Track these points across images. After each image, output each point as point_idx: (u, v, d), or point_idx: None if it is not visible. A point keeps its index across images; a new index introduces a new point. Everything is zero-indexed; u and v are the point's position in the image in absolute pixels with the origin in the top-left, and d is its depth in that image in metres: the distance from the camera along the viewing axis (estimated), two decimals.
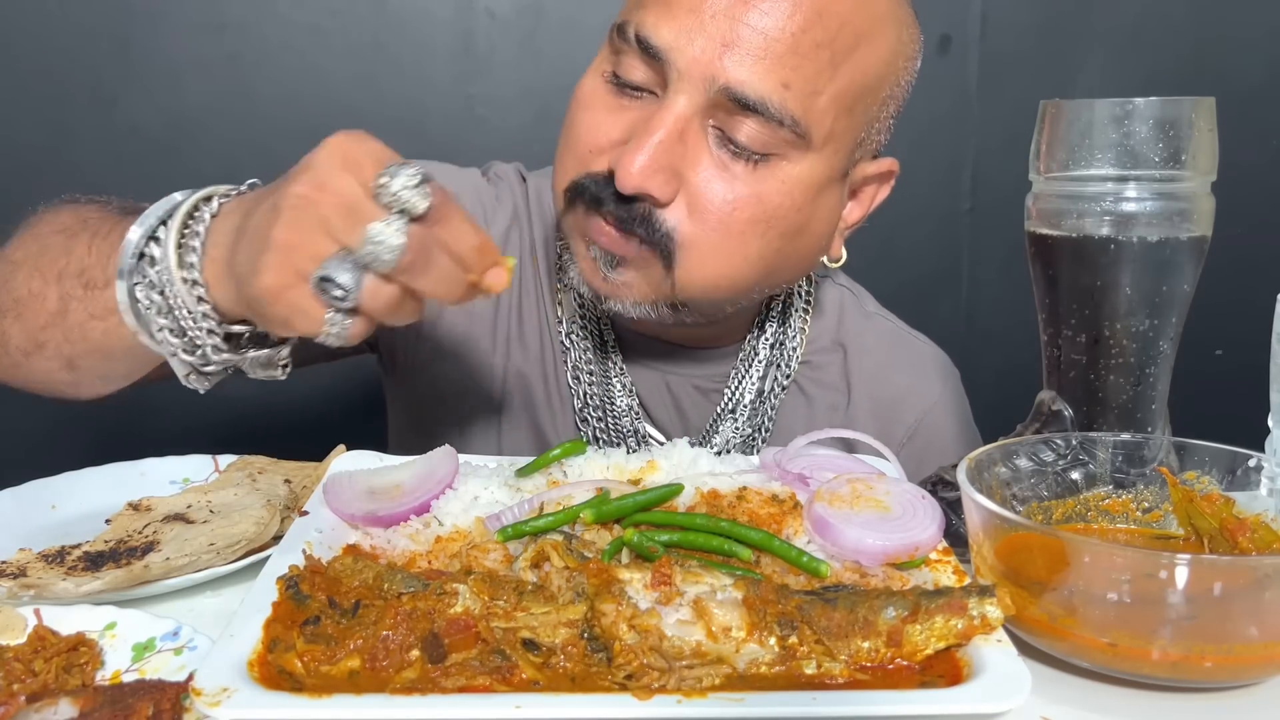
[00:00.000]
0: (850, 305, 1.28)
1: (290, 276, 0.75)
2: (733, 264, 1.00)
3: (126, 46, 2.07)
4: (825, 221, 1.05)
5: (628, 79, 0.98)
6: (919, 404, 1.24)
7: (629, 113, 0.98)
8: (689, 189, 0.96)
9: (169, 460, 1.11)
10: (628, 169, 0.93)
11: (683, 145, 0.95)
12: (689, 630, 0.67)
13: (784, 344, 1.20)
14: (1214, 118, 0.87)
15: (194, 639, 0.73)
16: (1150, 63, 2.37)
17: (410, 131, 2.15)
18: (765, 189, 0.97)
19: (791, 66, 0.92)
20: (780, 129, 0.94)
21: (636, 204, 0.96)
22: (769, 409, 1.20)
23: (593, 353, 1.18)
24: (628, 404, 1.17)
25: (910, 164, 1.16)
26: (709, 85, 0.93)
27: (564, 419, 1.21)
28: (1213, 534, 0.82)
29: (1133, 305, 0.89)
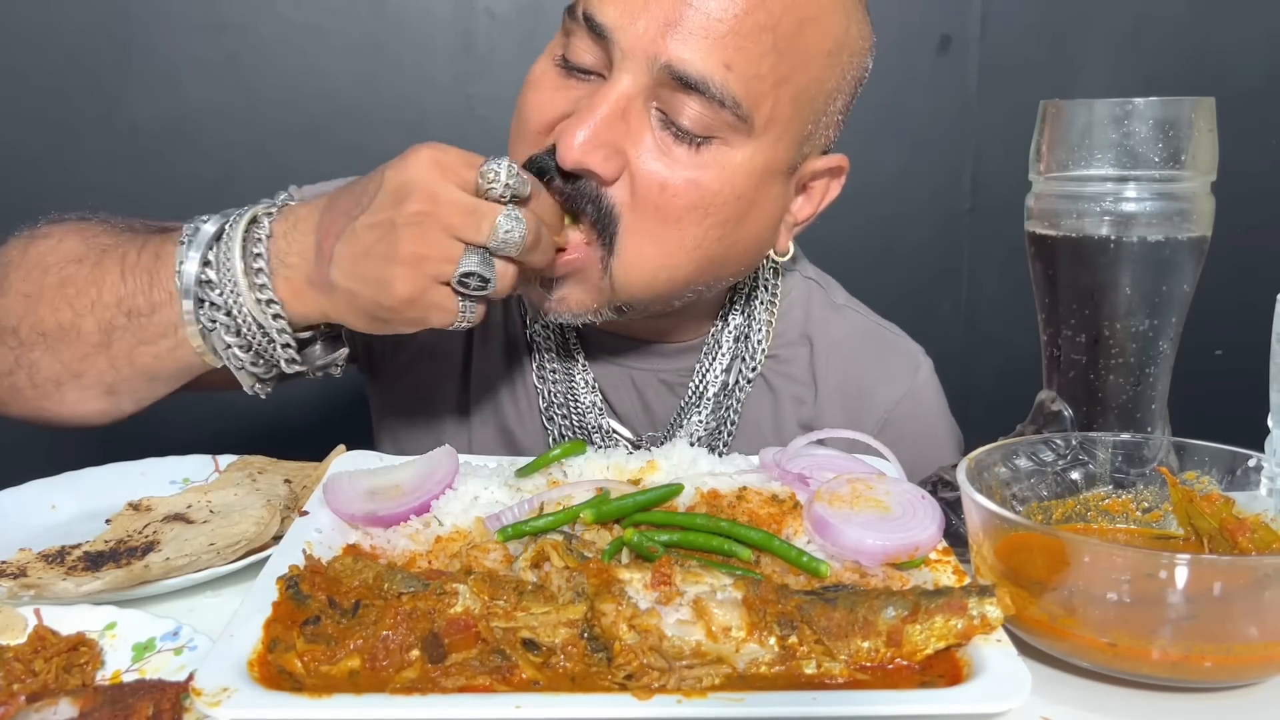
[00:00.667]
0: (818, 297, 1.27)
1: (425, 282, 0.87)
2: (670, 252, 0.99)
3: (126, 46, 2.07)
4: (768, 213, 1.04)
5: (577, 62, 0.99)
6: (889, 395, 1.24)
7: (573, 93, 0.99)
8: (630, 169, 0.97)
9: (169, 460, 1.11)
10: (569, 144, 0.94)
11: (625, 124, 0.95)
12: (689, 630, 0.67)
13: (748, 337, 1.20)
14: (1214, 118, 0.87)
15: (194, 639, 0.73)
16: (1150, 63, 2.37)
17: (410, 132, 2.13)
18: (705, 175, 0.97)
19: (734, 47, 0.93)
20: (722, 110, 0.94)
21: (584, 182, 0.97)
22: (734, 402, 1.20)
23: (555, 351, 1.19)
24: (591, 400, 1.18)
25: (910, 164, 1.17)
26: (651, 64, 0.93)
27: (530, 418, 1.22)
28: (1212, 534, 0.82)
29: (1133, 305, 0.89)
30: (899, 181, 2.24)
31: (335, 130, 2.12)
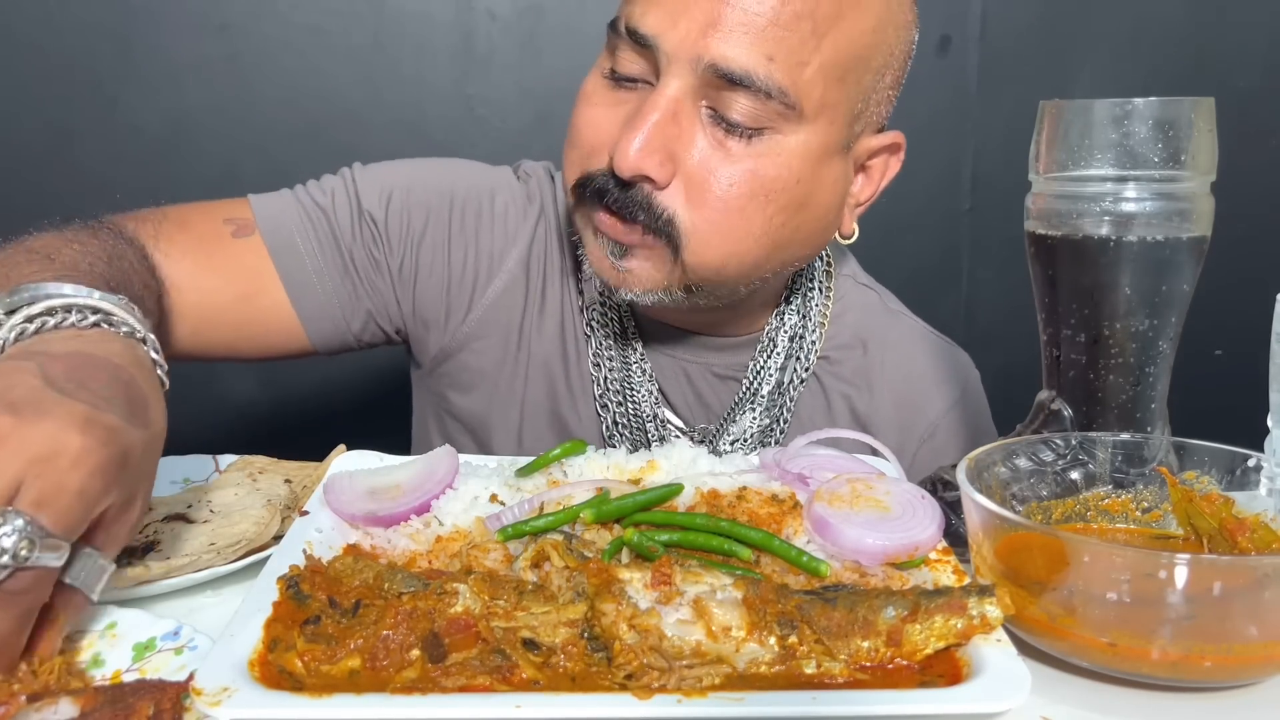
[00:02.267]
0: (874, 304, 1.29)
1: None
2: (738, 241, 1.01)
3: (126, 46, 2.07)
4: (830, 193, 1.06)
5: (624, 73, 1.01)
6: (940, 403, 1.25)
7: (626, 105, 1.01)
8: (685, 170, 0.99)
9: (169, 460, 1.10)
10: (625, 153, 0.96)
11: (677, 127, 0.98)
12: (689, 630, 0.67)
13: (803, 336, 1.21)
14: (1214, 118, 0.87)
15: (194, 639, 0.73)
16: (1150, 63, 2.37)
17: (410, 132, 2.15)
18: (761, 163, 0.99)
19: (774, 39, 0.94)
20: (769, 101, 0.96)
21: (636, 190, 0.99)
22: (788, 400, 1.21)
23: (613, 340, 1.19)
24: (648, 390, 1.19)
25: (910, 164, 1.17)
26: (696, 65, 0.95)
27: (584, 405, 1.23)
28: (1212, 534, 0.82)
29: (1132, 305, 0.89)
30: (899, 181, 2.24)
31: (335, 130, 2.12)
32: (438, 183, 1.22)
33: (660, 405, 1.20)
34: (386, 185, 1.20)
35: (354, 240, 1.18)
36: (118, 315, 0.79)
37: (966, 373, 1.30)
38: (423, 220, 1.20)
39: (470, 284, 1.22)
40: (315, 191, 1.20)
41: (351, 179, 1.21)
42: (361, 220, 1.18)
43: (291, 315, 1.17)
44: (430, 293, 1.22)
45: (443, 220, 1.21)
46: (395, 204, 1.19)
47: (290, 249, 1.16)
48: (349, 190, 1.20)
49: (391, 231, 1.19)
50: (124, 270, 0.96)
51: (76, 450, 0.63)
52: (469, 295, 1.22)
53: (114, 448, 0.66)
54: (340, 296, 1.19)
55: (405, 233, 1.20)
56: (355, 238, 1.18)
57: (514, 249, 1.23)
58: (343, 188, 1.20)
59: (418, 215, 1.20)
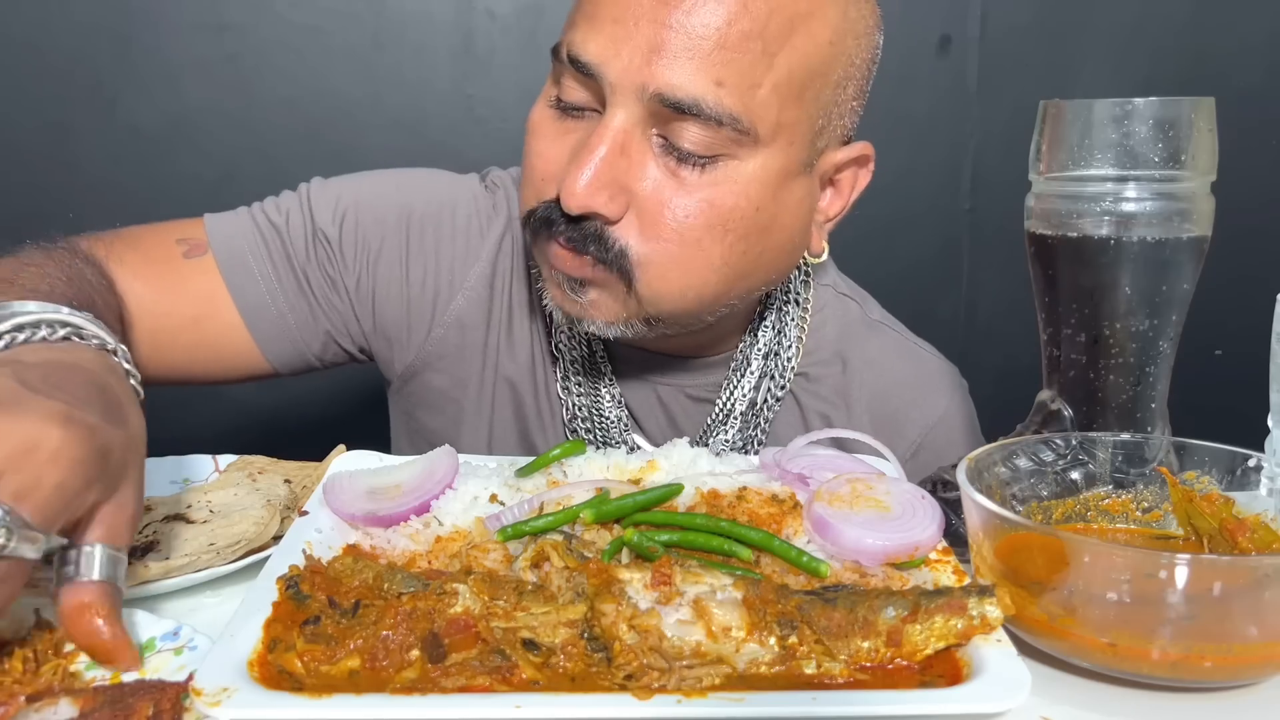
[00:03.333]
0: (854, 315, 1.24)
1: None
2: (696, 274, 0.97)
3: (126, 46, 2.07)
4: (794, 215, 1.02)
5: (570, 101, 0.96)
6: (923, 420, 1.21)
7: (573, 135, 0.97)
8: (638, 203, 0.94)
9: (169, 460, 1.11)
10: (571, 190, 0.92)
11: (626, 159, 0.93)
12: (689, 630, 0.67)
13: (779, 353, 1.17)
14: (1214, 118, 0.87)
15: (194, 639, 0.73)
16: (1150, 63, 2.37)
17: (410, 132, 2.15)
18: (717, 192, 0.94)
19: (722, 62, 0.90)
20: (721, 128, 0.91)
21: (586, 223, 0.95)
22: (762, 420, 1.17)
23: (581, 364, 1.16)
24: (617, 415, 1.16)
25: (910, 164, 1.17)
26: (641, 94, 0.91)
27: (553, 429, 1.20)
28: (1212, 534, 0.82)
29: (1132, 305, 0.89)
30: (899, 181, 2.24)
31: (335, 130, 2.12)
32: (395, 197, 1.18)
33: (629, 431, 1.17)
34: (342, 202, 1.16)
35: (308, 260, 1.15)
36: (88, 329, 0.78)
37: (951, 387, 1.25)
38: (379, 237, 1.16)
39: (431, 301, 1.18)
40: (271, 210, 1.17)
41: (307, 196, 1.17)
42: (316, 239, 1.15)
43: (246, 337, 1.14)
44: (390, 310, 1.18)
45: (399, 236, 1.17)
46: (349, 221, 1.16)
47: (243, 270, 1.13)
48: (304, 209, 1.16)
49: (346, 250, 1.16)
50: (84, 289, 0.94)
51: (55, 444, 0.63)
52: (430, 312, 1.18)
53: (93, 444, 0.66)
54: (297, 317, 1.15)
55: (360, 251, 1.16)
56: (310, 257, 1.15)
57: (477, 264, 1.19)
58: (298, 206, 1.17)
59: (373, 232, 1.16)
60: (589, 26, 0.93)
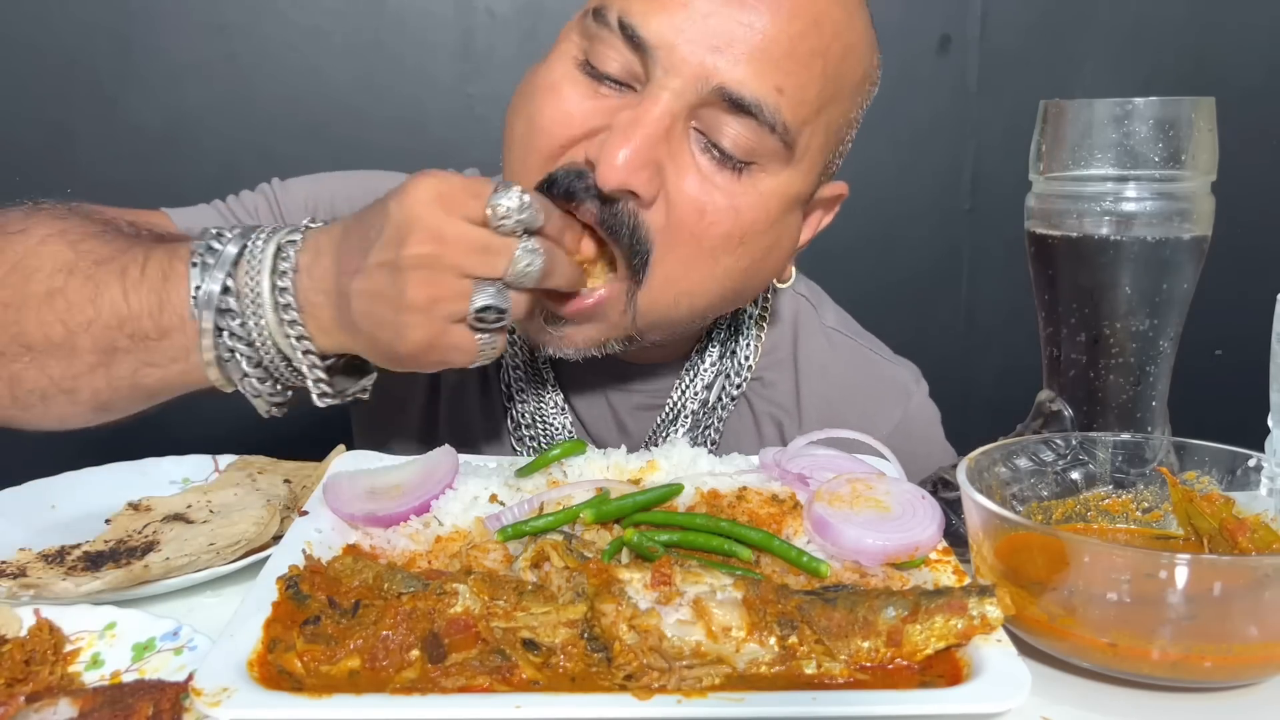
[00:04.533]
0: (807, 318, 1.22)
1: (440, 325, 0.82)
2: (699, 280, 0.96)
3: (126, 46, 2.07)
4: (789, 241, 1.02)
5: (603, 69, 0.91)
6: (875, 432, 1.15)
7: (606, 102, 0.92)
8: (669, 194, 0.91)
9: (169, 460, 1.11)
10: (612, 162, 0.87)
11: (667, 144, 0.90)
12: (689, 630, 0.67)
13: (735, 354, 1.16)
14: (1214, 118, 0.87)
15: (194, 639, 0.73)
16: (1150, 63, 2.37)
17: (410, 131, 2.15)
18: (743, 201, 0.92)
19: (787, 71, 0.89)
20: (770, 135, 0.90)
21: (620, 205, 0.90)
22: (715, 420, 1.16)
23: (523, 371, 1.14)
24: (561, 423, 1.14)
25: (910, 164, 1.17)
26: (701, 84, 0.88)
27: (499, 438, 1.19)
28: (1212, 534, 0.82)
29: (1133, 305, 0.89)
30: (899, 181, 2.24)
31: (335, 130, 2.11)
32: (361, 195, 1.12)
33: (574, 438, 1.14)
34: (310, 198, 1.17)
35: None
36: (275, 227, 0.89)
37: (905, 394, 1.22)
38: None
39: None
40: (235, 206, 1.17)
41: (273, 193, 1.18)
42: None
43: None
44: None
45: None
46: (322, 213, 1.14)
47: None
48: (272, 204, 1.16)
49: None
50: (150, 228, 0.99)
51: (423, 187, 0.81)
52: None
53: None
54: None
55: None
56: None
57: None
58: (265, 202, 1.17)
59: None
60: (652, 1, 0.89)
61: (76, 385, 0.89)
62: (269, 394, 0.89)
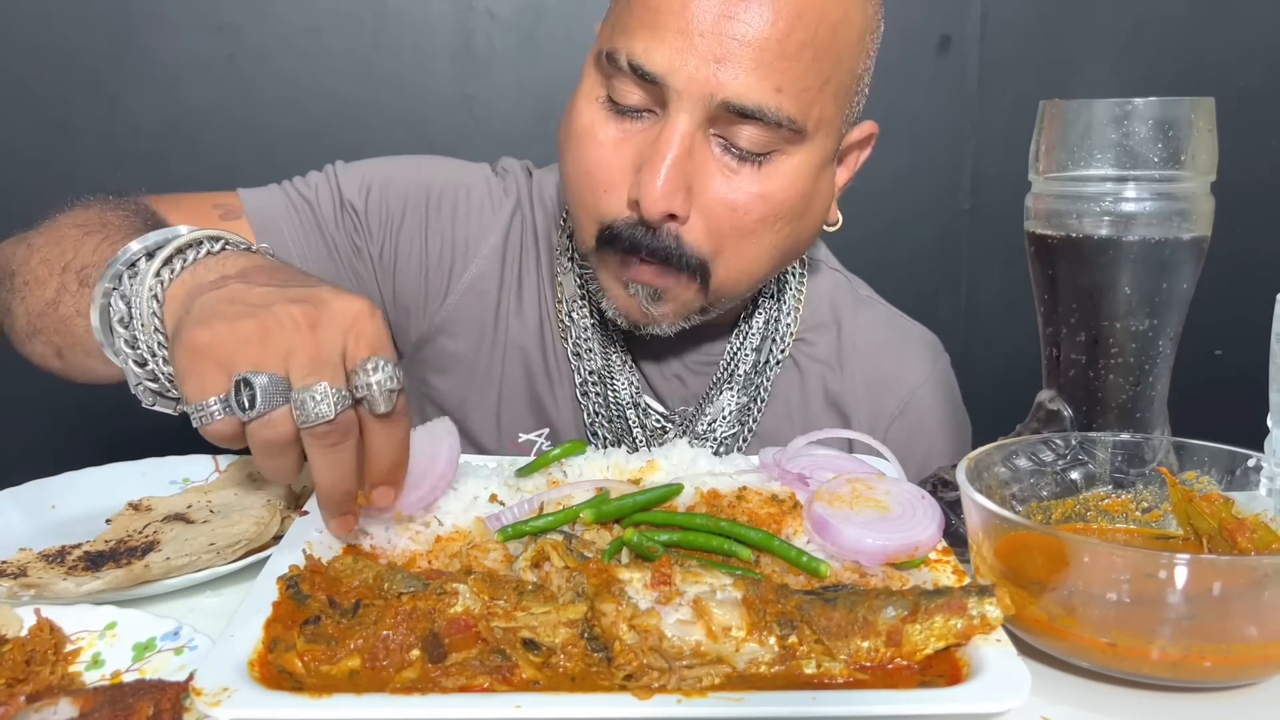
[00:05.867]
0: (843, 289, 1.33)
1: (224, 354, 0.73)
2: (753, 261, 1.06)
3: (126, 46, 2.07)
4: (826, 197, 1.11)
5: (625, 103, 1.01)
6: (909, 381, 1.29)
7: (633, 140, 1.02)
8: (702, 201, 1.01)
9: (169, 460, 1.11)
10: (650, 196, 0.97)
11: (691, 160, 0.99)
12: (689, 630, 0.67)
13: (779, 320, 1.26)
14: (1213, 118, 0.87)
15: (194, 639, 0.73)
16: (1150, 63, 2.37)
17: (410, 131, 2.15)
18: (770, 186, 1.02)
19: (781, 70, 0.96)
20: (779, 130, 0.98)
21: (664, 233, 1.01)
22: (765, 380, 1.25)
23: (592, 330, 1.22)
24: (627, 379, 1.22)
25: (910, 164, 1.17)
26: (708, 101, 0.96)
27: (563, 393, 1.26)
28: (1212, 534, 0.82)
29: (1132, 305, 0.89)
30: (899, 182, 2.24)
31: (335, 130, 2.11)
32: (416, 176, 1.27)
33: (642, 394, 1.24)
34: (367, 178, 1.25)
35: (336, 229, 1.23)
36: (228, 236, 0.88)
37: (936, 353, 1.33)
38: (400, 209, 1.25)
39: (446, 270, 1.26)
40: (300, 185, 1.26)
41: (334, 173, 1.26)
42: (344, 210, 1.23)
43: None
44: (409, 278, 1.26)
45: (420, 210, 1.25)
46: (375, 195, 1.24)
47: (275, 233, 1.20)
48: (332, 184, 1.25)
49: (372, 220, 1.24)
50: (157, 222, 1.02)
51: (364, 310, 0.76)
52: (445, 281, 1.26)
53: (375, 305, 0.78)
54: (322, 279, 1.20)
55: (385, 221, 1.25)
56: (338, 226, 1.23)
57: (489, 238, 1.27)
58: (325, 182, 1.25)
59: (396, 205, 1.25)
60: (651, 38, 0.97)
61: (40, 324, 0.98)
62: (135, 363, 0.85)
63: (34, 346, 1.01)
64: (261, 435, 0.74)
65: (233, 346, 0.73)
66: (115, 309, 0.85)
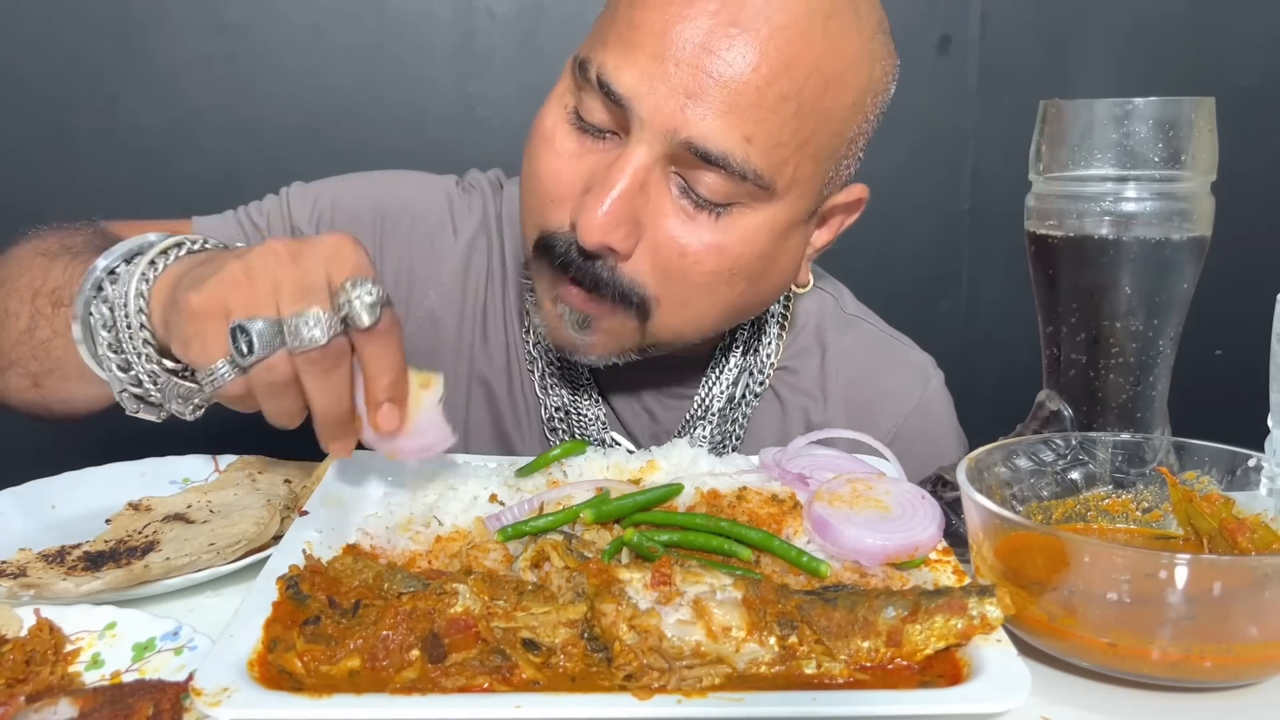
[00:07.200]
0: (830, 309, 1.26)
1: (218, 307, 0.76)
2: (702, 313, 1.00)
3: (126, 46, 2.07)
4: (792, 258, 1.04)
5: (589, 120, 0.95)
6: (896, 410, 1.22)
7: (590, 157, 0.96)
8: (651, 240, 0.95)
9: (169, 460, 1.11)
10: (589, 225, 0.91)
11: (644, 196, 0.93)
12: (689, 630, 0.67)
13: (758, 351, 1.20)
14: (1214, 118, 0.87)
15: (194, 639, 0.73)
16: (1150, 63, 2.37)
17: (410, 131, 2.15)
18: (727, 239, 0.95)
19: (756, 120, 0.89)
20: (743, 182, 0.92)
21: (601, 264, 0.95)
22: (740, 415, 1.19)
23: (558, 366, 1.17)
24: (595, 414, 1.17)
25: (910, 164, 1.17)
26: (670, 137, 0.90)
27: (530, 427, 1.21)
28: (1212, 534, 0.82)
29: (1132, 305, 0.89)
30: (899, 181, 2.24)
31: (335, 130, 2.11)
32: (369, 196, 1.23)
33: (607, 429, 1.18)
34: (319, 203, 1.21)
35: None
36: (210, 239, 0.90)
37: (927, 376, 1.26)
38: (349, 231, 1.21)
39: (404, 295, 1.21)
40: (254, 212, 1.22)
41: (287, 199, 1.23)
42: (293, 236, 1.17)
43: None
44: None
45: (371, 231, 1.21)
46: (325, 220, 1.20)
47: None
48: (284, 209, 1.22)
49: None
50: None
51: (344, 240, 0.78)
52: (403, 306, 1.20)
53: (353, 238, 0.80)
54: None
55: None
56: None
57: (449, 261, 1.21)
58: (278, 208, 1.22)
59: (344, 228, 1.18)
60: (624, 55, 0.91)
61: (15, 355, 0.98)
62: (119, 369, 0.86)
63: (9, 380, 0.99)
64: (264, 379, 0.76)
65: (224, 294, 0.76)
66: (98, 315, 0.85)
